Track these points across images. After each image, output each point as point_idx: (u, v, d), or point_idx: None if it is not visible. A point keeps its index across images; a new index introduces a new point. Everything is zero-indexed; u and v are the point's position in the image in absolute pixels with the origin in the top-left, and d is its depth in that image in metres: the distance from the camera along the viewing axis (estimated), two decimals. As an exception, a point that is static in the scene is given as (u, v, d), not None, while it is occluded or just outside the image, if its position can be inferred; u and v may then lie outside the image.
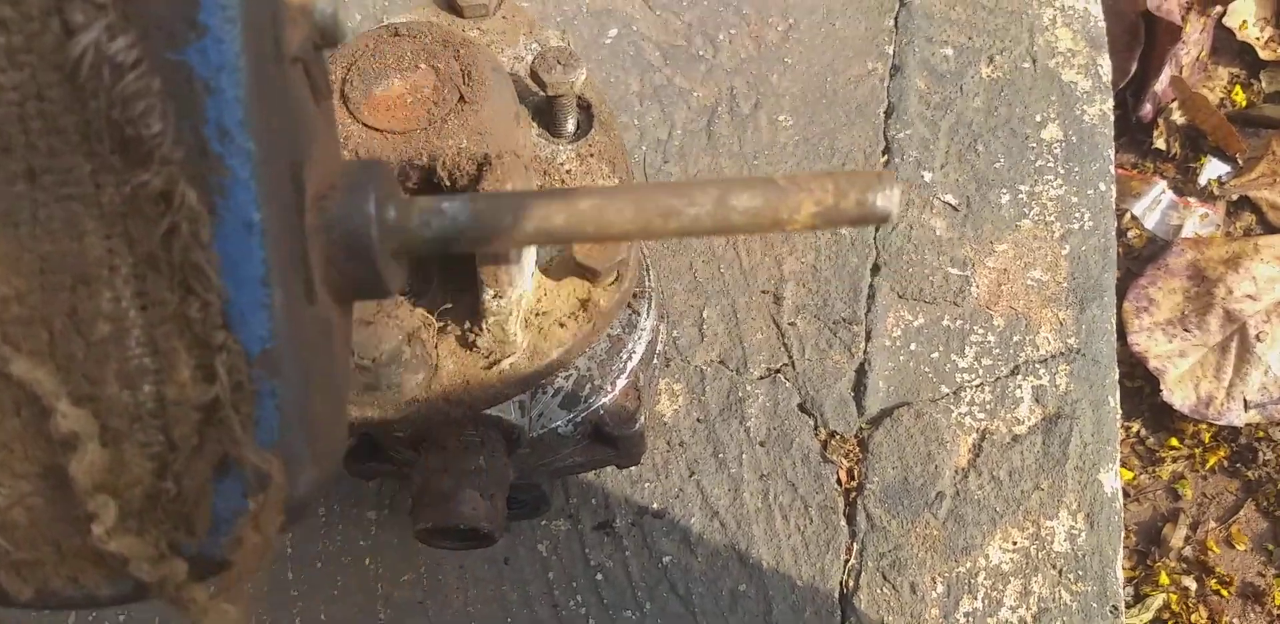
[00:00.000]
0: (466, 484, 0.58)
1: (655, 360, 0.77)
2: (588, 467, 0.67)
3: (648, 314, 0.70)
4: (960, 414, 0.75)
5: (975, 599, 0.68)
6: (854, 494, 0.71)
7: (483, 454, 0.59)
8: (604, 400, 0.66)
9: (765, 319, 0.79)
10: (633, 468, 0.73)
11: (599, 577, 0.69)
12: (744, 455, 0.73)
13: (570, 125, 0.59)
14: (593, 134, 0.60)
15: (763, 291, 0.80)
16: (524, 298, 0.51)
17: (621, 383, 0.66)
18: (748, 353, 0.77)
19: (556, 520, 0.71)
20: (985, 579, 0.69)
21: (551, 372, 0.53)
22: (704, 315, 0.79)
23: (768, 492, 0.71)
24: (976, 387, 0.76)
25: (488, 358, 0.52)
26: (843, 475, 0.72)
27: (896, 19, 0.93)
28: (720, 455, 0.73)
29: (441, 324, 0.51)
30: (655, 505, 0.71)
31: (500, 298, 0.49)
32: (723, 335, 0.78)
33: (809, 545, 0.69)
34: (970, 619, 0.68)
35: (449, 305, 0.54)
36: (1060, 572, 0.69)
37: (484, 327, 0.51)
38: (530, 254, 0.51)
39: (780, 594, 0.68)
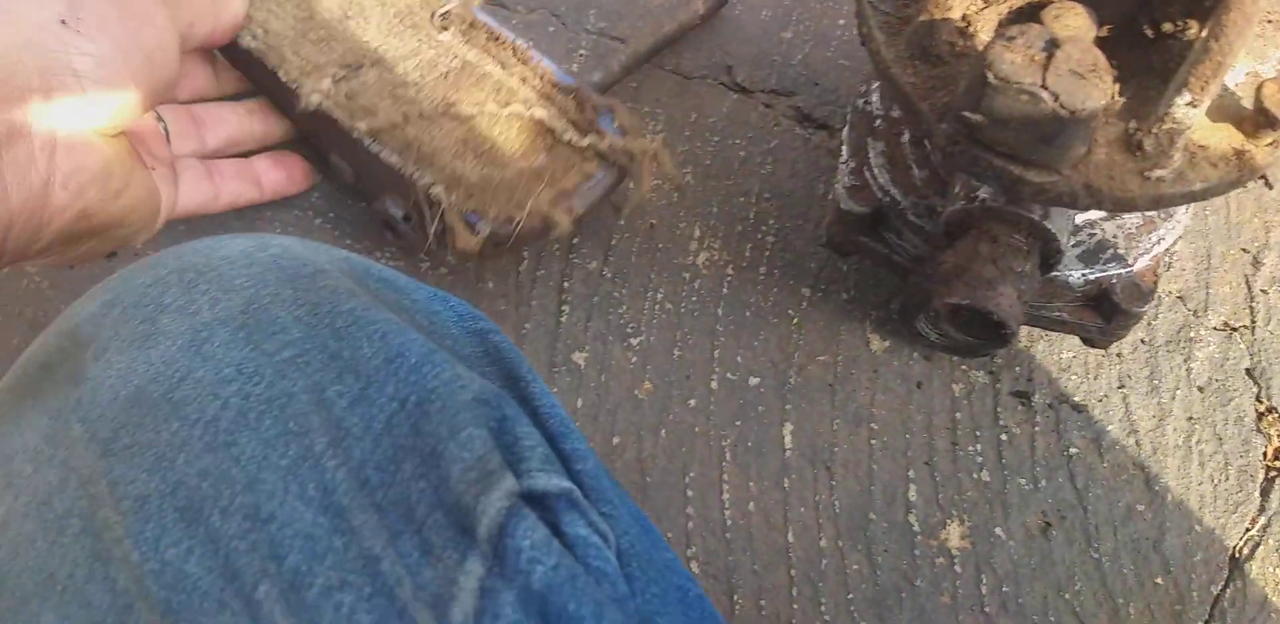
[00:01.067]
0: (1010, 280, 0.55)
1: (1169, 260, 0.74)
2: (1063, 328, 0.64)
3: (1187, 209, 0.67)
4: (1393, 447, 0.71)
5: (1357, 622, 0.64)
6: (1275, 474, 0.68)
7: (1029, 261, 0.56)
8: (1121, 271, 0.63)
9: (1238, 276, 0.75)
10: (1063, 355, 0.70)
11: (1003, 437, 0.66)
12: (1179, 391, 0.69)
13: None
14: (1275, 2, 0.57)
15: (1243, 250, 0.76)
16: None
17: (1143, 262, 0.63)
18: (1210, 300, 0.73)
19: (977, 371, 0.68)
20: (1371, 609, 0.65)
21: (1184, 202, 0.50)
22: (1175, 246, 0.76)
23: (1192, 434, 0.68)
24: None
25: (1141, 162, 0.49)
26: (1270, 451, 0.68)
27: None
28: (1155, 382, 0.69)
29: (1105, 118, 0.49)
30: (1077, 398, 0.68)
31: (1195, 107, 0.46)
32: (1189, 273, 0.74)
33: (1218, 499, 0.66)
34: (1347, 638, 0.64)
35: (1122, 99, 0.51)
36: None
37: (1155, 130, 0.48)
38: None
39: (1176, 529, 0.64)
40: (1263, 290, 0.75)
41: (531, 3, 0.87)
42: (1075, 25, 0.53)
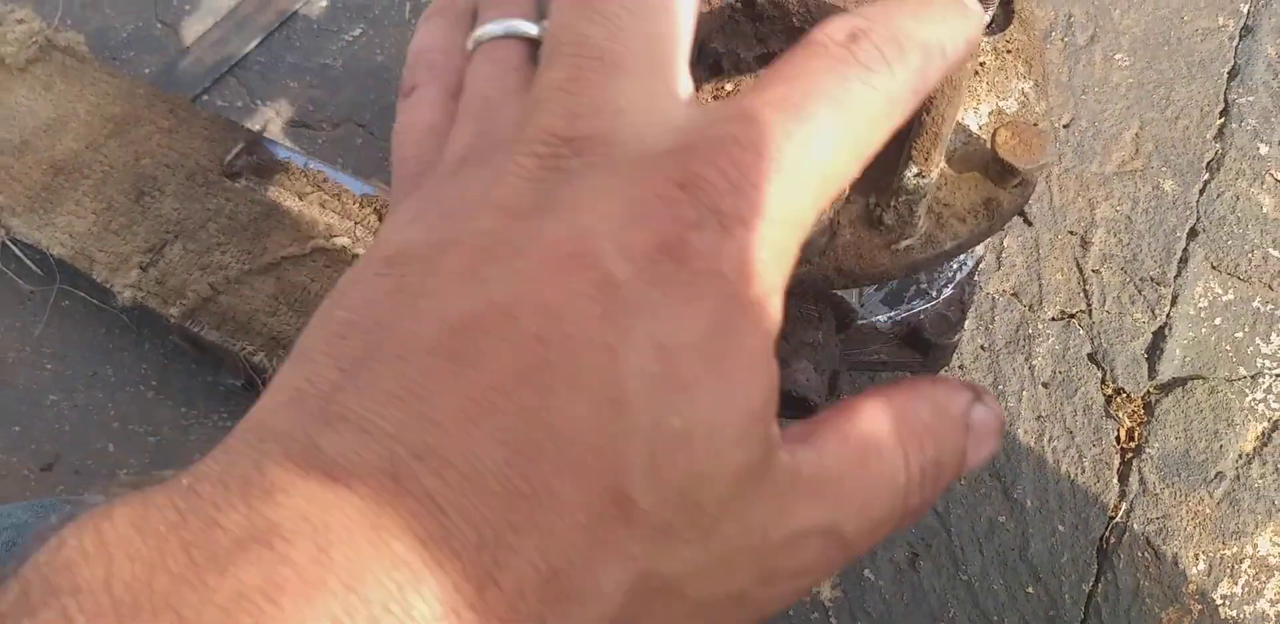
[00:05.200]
0: (804, 354, 0.62)
1: (976, 280, 0.80)
2: (887, 367, 0.70)
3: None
4: (1255, 399, 0.77)
5: (1235, 585, 0.71)
6: (1130, 455, 0.74)
7: (821, 330, 0.62)
8: (926, 306, 0.69)
9: (1069, 261, 0.81)
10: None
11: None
12: (1024, 393, 0.76)
13: (985, 17, 0.61)
14: (1011, 30, 0.62)
15: (1070, 232, 0.82)
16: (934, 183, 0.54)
17: (948, 292, 0.69)
18: (1044, 291, 0.80)
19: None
20: (1250, 567, 0.72)
21: (940, 263, 0.56)
22: (1004, 243, 0.82)
23: (1043, 433, 0.75)
24: (1278, 376, 0.78)
25: (885, 236, 0.55)
26: (1122, 434, 0.75)
27: (1275, -26, 0.93)
28: (1000, 387, 0.76)
29: (846, 194, 0.55)
30: (924, 422, 0.75)
31: (923, 177, 0.52)
32: (1020, 268, 0.81)
33: (1076, 494, 0.73)
34: (1227, 603, 0.71)
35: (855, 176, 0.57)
36: (1333, 577, 0.71)
37: (893, 204, 0.54)
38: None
39: (1039, 534, 0.71)
40: (1094, 271, 0.81)
41: (336, 117, 0.94)
42: None
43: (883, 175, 0.57)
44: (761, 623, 0.26)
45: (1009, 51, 0.60)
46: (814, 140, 0.24)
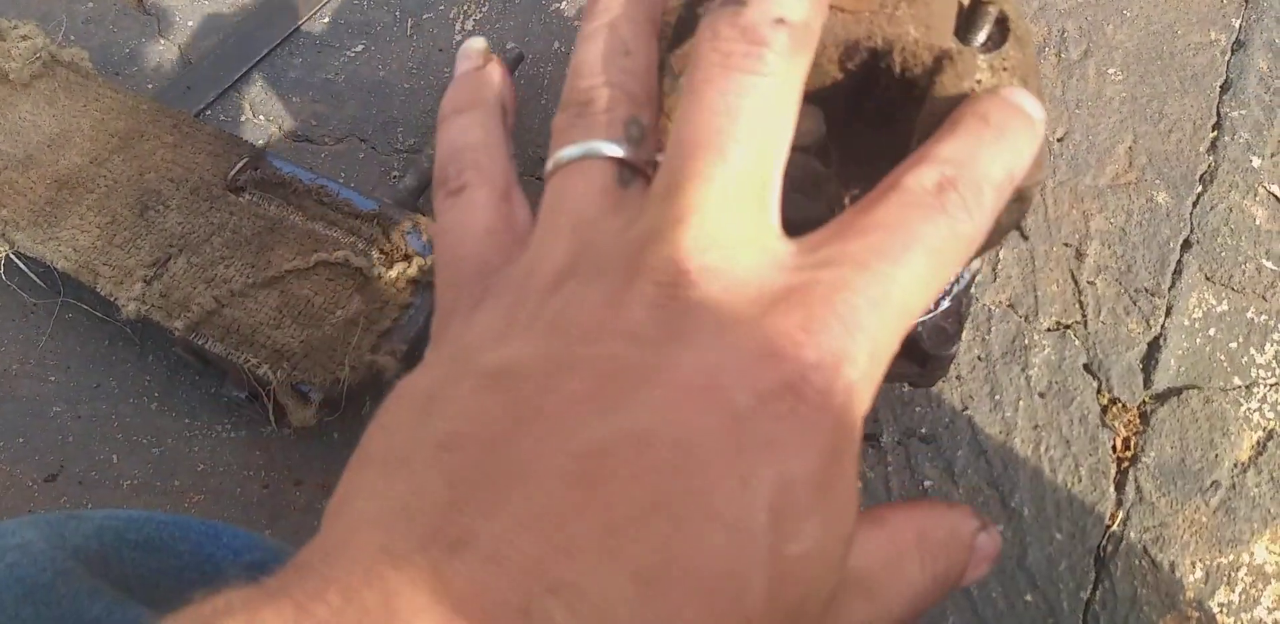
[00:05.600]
0: None
1: (972, 292, 0.82)
2: (886, 378, 0.71)
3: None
4: (1250, 409, 0.78)
5: (1233, 592, 0.72)
6: (1127, 464, 0.75)
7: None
8: (924, 318, 0.70)
9: (1064, 272, 0.82)
10: (905, 389, 0.78)
11: (859, 486, 0.75)
12: (1021, 402, 0.77)
13: (981, 36, 0.63)
14: (1007, 48, 0.64)
15: (1065, 244, 0.84)
16: None
17: (945, 304, 0.70)
18: (1040, 302, 0.81)
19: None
20: (1246, 575, 0.73)
21: None
22: (1000, 255, 0.83)
23: (1040, 442, 0.76)
24: (1272, 386, 0.79)
25: None
26: (1119, 443, 0.76)
27: (1264, -10, 0.95)
28: (997, 397, 0.77)
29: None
30: (924, 430, 0.76)
31: None
32: (1016, 280, 0.82)
33: (1073, 503, 0.74)
34: (1224, 610, 0.71)
35: (855, 191, 0.59)
36: (1329, 585, 0.72)
37: None
38: None
39: (1037, 543, 0.72)
40: (1089, 282, 0.82)
41: (338, 132, 0.96)
42: (803, 128, 0.61)
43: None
44: None
45: (1005, 69, 0.62)
46: (912, 285, 0.26)
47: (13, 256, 0.81)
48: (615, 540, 0.21)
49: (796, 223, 0.49)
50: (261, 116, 0.97)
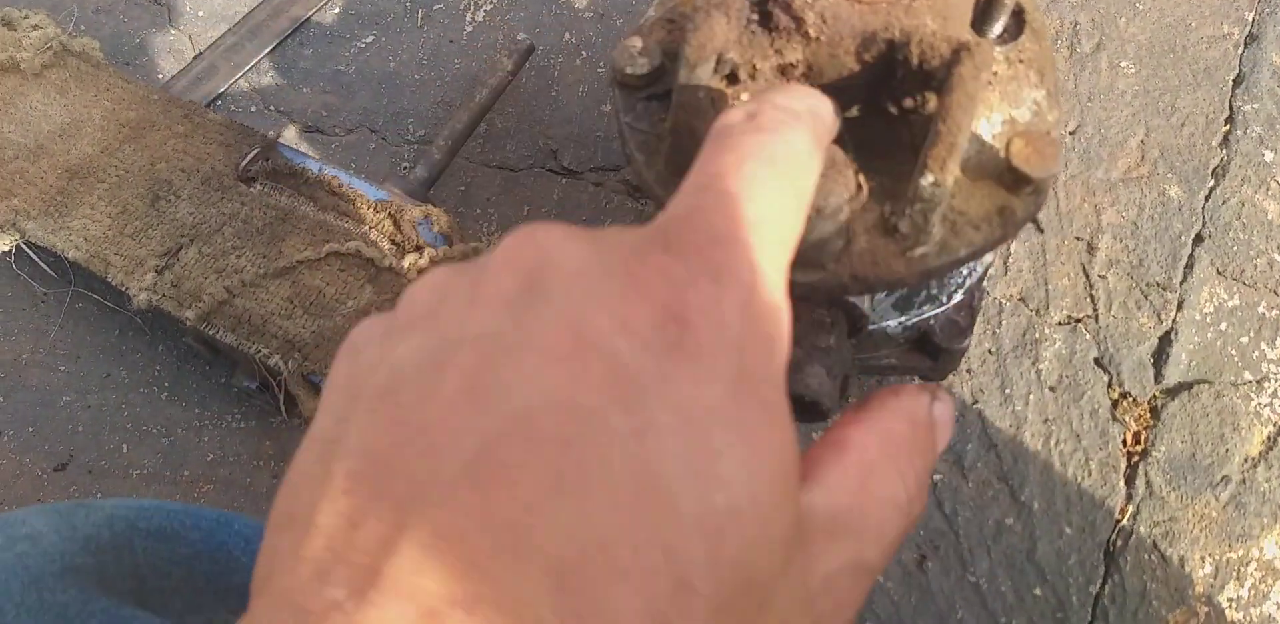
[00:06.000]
0: (816, 359, 0.62)
1: (985, 285, 0.82)
2: (896, 371, 0.72)
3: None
4: (1260, 404, 0.78)
5: (1242, 587, 0.72)
6: (1137, 458, 0.75)
7: (833, 334, 0.63)
8: (936, 311, 0.70)
9: (1075, 266, 0.82)
10: (914, 382, 0.78)
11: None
12: (1031, 396, 0.77)
13: (997, 28, 0.62)
14: (1023, 40, 0.63)
15: (1076, 238, 0.84)
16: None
17: (958, 298, 0.70)
18: (1051, 296, 0.81)
19: (835, 417, 0.77)
20: (1256, 570, 0.73)
21: (952, 269, 0.57)
22: (1011, 249, 0.83)
23: (1050, 436, 0.76)
24: (1282, 380, 0.79)
25: (900, 243, 0.55)
26: (1129, 438, 0.76)
27: (1279, -17, 0.95)
28: (1007, 391, 0.77)
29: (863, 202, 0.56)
30: (932, 425, 0.76)
31: (939, 186, 0.52)
32: (1027, 273, 0.82)
33: (1083, 497, 0.74)
34: (1233, 605, 0.72)
35: (870, 183, 0.58)
36: (1339, 580, 0.73)
37: (908, 212, 0.54)
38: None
39: (1046, 537, 0.72)
40: (1100, 276, 0.82)
41: (349, 123, 0.96)
42: None
43: (897, 184, 0.57)
44: None
45: (1021, 61, 0.62)
46: (759, 193, 0.26)
47: (24, 246, 0.81)
48: (516, 538, 0.20)
49: (819, 208, 0.49)
50: (272, 107, 0.97)
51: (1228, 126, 0.91)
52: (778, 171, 0.27)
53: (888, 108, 0.61)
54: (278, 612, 0.20)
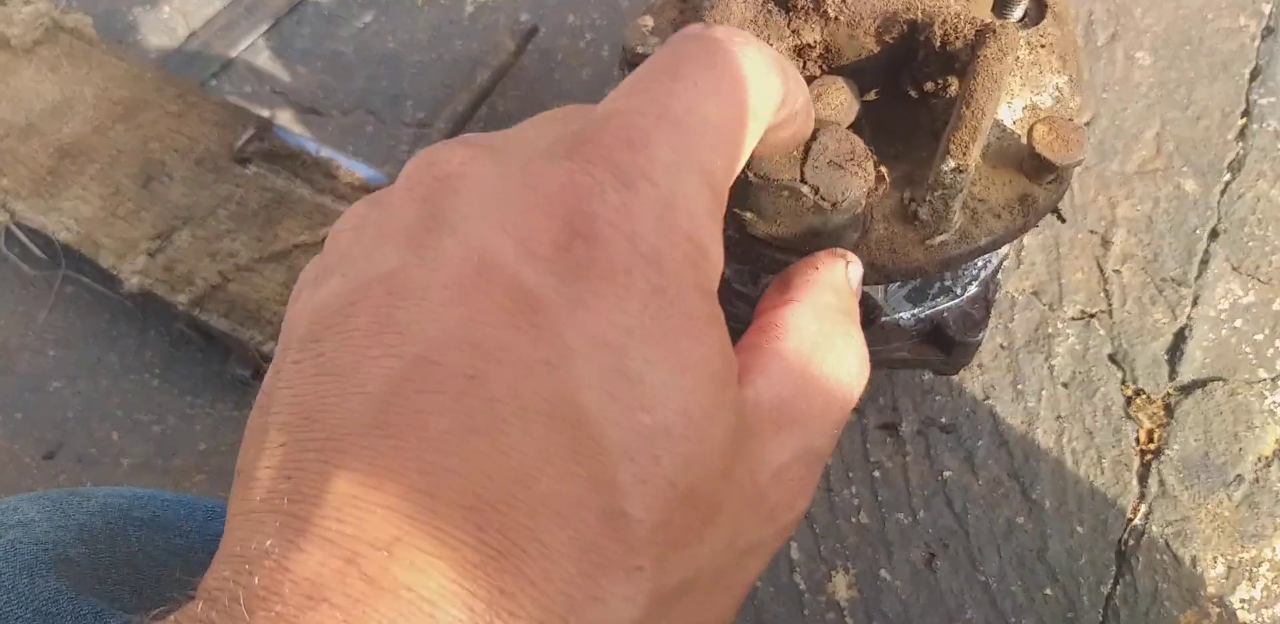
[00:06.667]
0: None
1: (999, 277, 0.80)
2: (907, 364, 0.70)
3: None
4: (1274, 402, 0.77)
5: (1254, 588, 0.71)
6: (1150, 457, 0.74)
7: (844, 325, 0.62)
8: (950, 303, 0.69)
9: (1089, 260, 0.81)
10: (925, 377, 0.76)
11: (876, 474, 0.74)
12: (1044, 392, 0.76)
13: (1018, 12, 0.61)
14: (1045, 25, 0.62)
15: (1090, 231, 0.83)
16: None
17: (972, 290, 0.69)
18: (1064, 290, 0.80)
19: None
20: (1268, 571, 0.72)
21: (973, 259, 0.55)
22: (1024, 242, 0.82)
23: (1062, 433, 0.75)
24: (1297, 378, 0.78)
25: (920, 231, 0.54)
26: (1142, 435, 0.75)
27: (1297, -25, 0.93)
28: (1019, 386, 0.76)
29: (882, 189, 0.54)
30: (944, 419, 0.75)
31: (961, 172, 0.51)
32: (1040, 267, 0.81)
33: (1095, 496, 0.73)
34: (1246, 606, 0.71)
35: (890, 174, 0.57)
36: (1352, 582, 0.72)
37: (928, 199, 0.53)
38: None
39: (1058, 535, 0.71)
40: (1115, 270, 0.81)
41: (346, 104, 0.94)
42: (837, 102, 0.58)
43: (917, 169, 0.56)
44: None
45: (1043, 46, 0.60)
46: (692, 93, 0.24)
47: (13, 227, 0.79)
48: (432, 481, 0.20)
49: (835, 198, 0.47)
50: (268, 87, 0.95)
51: (1244, 120, 0.89)
52: (720, 76, 0.24)
53: (908, 91, 0.60)
54: (223, 565, 0.20)
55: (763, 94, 0.25)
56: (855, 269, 0.31)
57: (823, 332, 0.28)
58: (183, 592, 0.20)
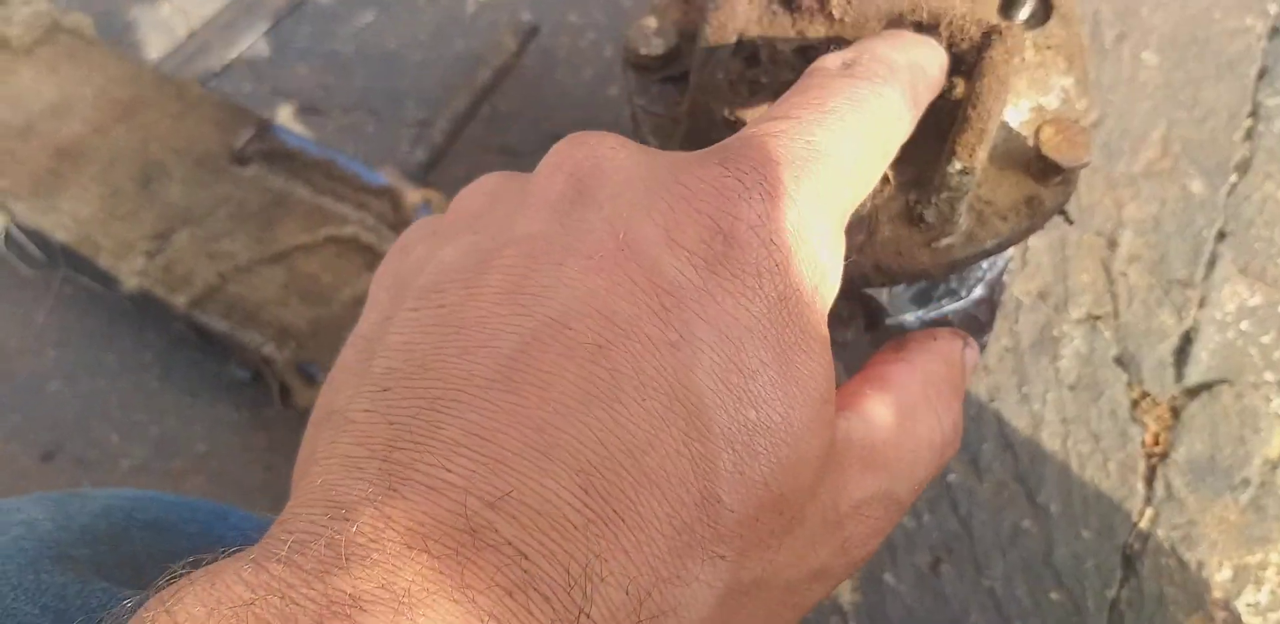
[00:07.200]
0: (834, 354, 0.61)
1: (1005, 280, 0.80)
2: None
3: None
4: (1281, 405, 0.77)
5: (1260, 592, 0.71)
6: (1156, 460, 0.74)
7: (851, 329, 0.62)
8: (956, 306, 0.68)
9: (1095, 262, 0.81)
10: (929, 381, 0.76)
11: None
12: (1049, 395, 0.76)
13: (1024, 12, 0.60)
14: (1051, 26, 0.62)
15: (1097, 233, 0.82)
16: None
17: (978, 292, 0.69)
18: (1070, 292, 0.80)
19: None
20: (1274, 575, 0.71)
21: (978, 261, 0.55)
22: (1030, 243, 0.82)
23: (1068, 436, 0.74)
24: (1305, 381, 0.78)
25: (926, 233, 0.54)
26: (1148, 439, 0.75)
27: (1308, -27, 0.93)
28: (1025, 389, 0.76)
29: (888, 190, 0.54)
30: (947, 423, 0.75)
31: (968, 174, 0.51)
32: (1046, 268, 0.81)
33: (1101, 499, 0.72)
34: (1252, 610, 0.70)
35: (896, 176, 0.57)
36: (1360, 587, 0.71)
37: (934, 201, 0.53)
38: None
39: (1064, 539, 0.71)
40: (1121, 273, 0.81)
41: (347, 104, 0.94)
42: None
43: (922, 171, 0.56)
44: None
45: (1049, 47, 0.60)
46: (839, 128, 0.25)
47: (11, 228, 0.79)
48: (547, 439, 0.20)
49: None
50: (268, 87, 0.95)
51: (1251, 121, 0.89)
52: (863, 117, 0.26)
53: None
54: (311, 507, 0.20)
55: (896, 135, 0.28)
56: (972, 352, 0.32)
57: (925, 395, 0.29)
58: None
